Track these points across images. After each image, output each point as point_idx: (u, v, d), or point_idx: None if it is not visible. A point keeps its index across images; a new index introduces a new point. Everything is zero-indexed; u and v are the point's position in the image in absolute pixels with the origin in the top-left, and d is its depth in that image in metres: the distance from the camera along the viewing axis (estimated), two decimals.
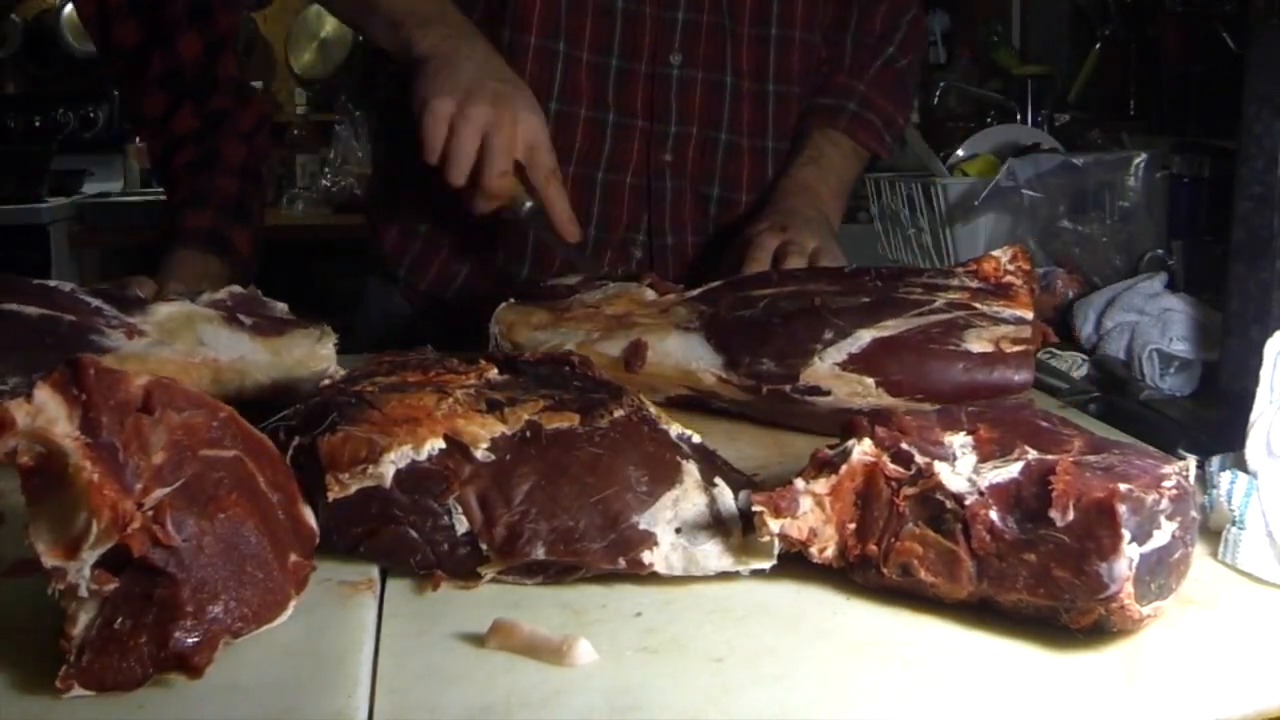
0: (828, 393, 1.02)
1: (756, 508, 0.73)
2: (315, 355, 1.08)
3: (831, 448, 0.77)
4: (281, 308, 1.16)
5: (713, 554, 0.76)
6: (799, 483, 0.74)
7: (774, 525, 0.73)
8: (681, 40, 1.42)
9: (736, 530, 0.77)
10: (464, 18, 1.33)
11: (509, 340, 1.17)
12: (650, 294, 1.18)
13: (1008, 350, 0.99)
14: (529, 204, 1.30)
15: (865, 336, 1.02)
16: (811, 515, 0.74)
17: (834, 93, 1.52)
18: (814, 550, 0.74)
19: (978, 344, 0.99)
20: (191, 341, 1.04)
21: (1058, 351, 1.37)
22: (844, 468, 0.74)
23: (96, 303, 1.05)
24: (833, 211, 1.46)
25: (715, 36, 1.43)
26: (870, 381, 1.01)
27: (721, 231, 1.49)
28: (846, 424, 0.78)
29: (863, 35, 1.55)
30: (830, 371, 1.02)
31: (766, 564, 0.75)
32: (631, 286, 1.19)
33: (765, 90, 1.48)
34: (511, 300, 1.21)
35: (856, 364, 1.01)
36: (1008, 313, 1.02)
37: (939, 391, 0.98)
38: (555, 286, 1.23)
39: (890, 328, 1.02)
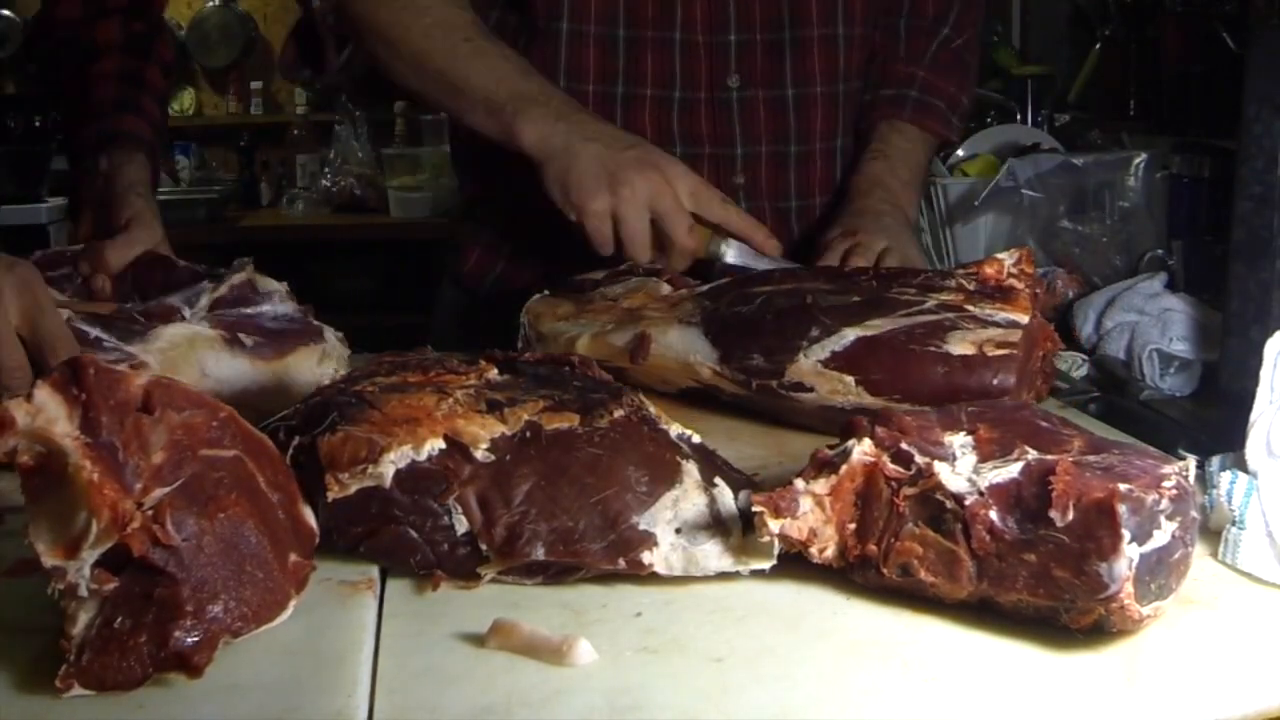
0: (811, 389, 1.03)
1: (756, 508, 0.73)
2: (317, 380, 1.07)
3: (831, 448, 0.77)
4: (280, 287, 1.16)
5: (712, 554, 0.76)
6: (799, 483, 0.74)
7: (774, 525, 0.73)
8: (737, 63, 1.42)
9: (736, 530, 0.77)
10: (552, 85, 1.33)
11: (535, 330, 1.19)
12: (666, 288, 1.20)
13: (990, 354, 0.98)
14: (723, 245, 1.29)
15: (850, 335, 1.02)
16: (811, 515, 0.74)
17: (895, 82, 1.51)
18: (814, 550, 0.74)
19: (960, 346, 0.99)
20: (195, 374, 1.03)
21: (1058, 351, 1.37)
22: (844, 468, 0.74)
23: (95, 332, 1.04)
24: (906, 202, 1.45)
25: (771, 53, 1.44)
26: (850, 380, 1.01)
27: (805, 236, 1.49)
28: (846, 424, 0.78)
29: (916, 19, 1.53)
30: (813, 369, 1.02)
31: (766, 564, 0.75)
32: (651, 281, 1.21)
33: (836, 91, 1.48)
34: (545, 292, 1.23)
35: (838, 362, 1.02)
36: (1001, 316, 1.02)
37: (917, 392, 0.98)
38: (583, 280, 1.25)
39: (875, 327, 1.02)
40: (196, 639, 0.64)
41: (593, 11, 1.39)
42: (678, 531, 0.77)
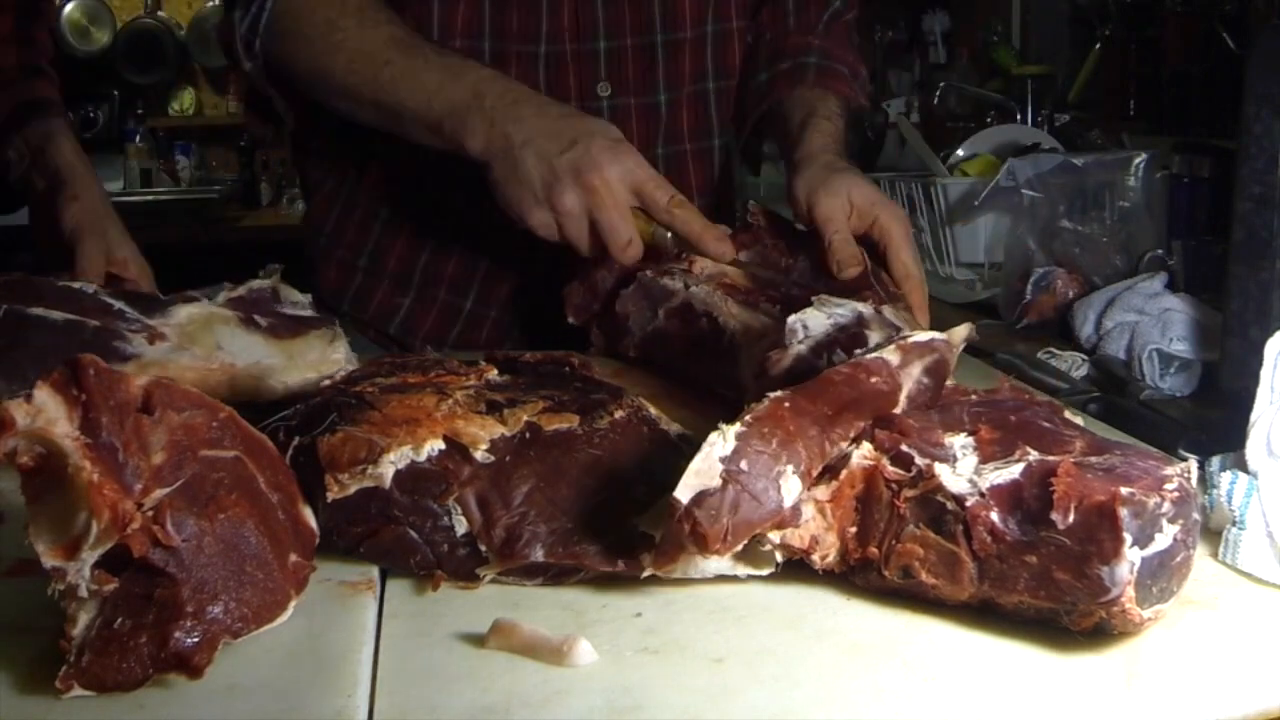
0: None
1: None
2: (328, 359, 1.09)
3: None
4: (303, 300, 1.18)
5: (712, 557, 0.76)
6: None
7: (775, 536, 0.73)
8: (607, 70, 1.40)
9: None
10: (495, 75, 1.25)
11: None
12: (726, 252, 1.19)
13: None
14: (669, 235, 1.20)
15: None
16: (813, 523, 0.74)
17: (791, 53, 1.45)
18: (816, 558, 0.74)
19: None
20: (210, 346, 1.06)
21: (1058, 351, 1.37)
22: (844, 473, 0.74)
23: (119, 305, 1.07)
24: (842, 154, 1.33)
25: (642, 59, 1.41)
26: None
27: None
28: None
29: None
30: None
31: (767, 571, 0.75)
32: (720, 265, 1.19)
33: (705, 90, 1.47)
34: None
35: None
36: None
37: None
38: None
39: None
40: (196, 639, 0.64)
41: (459, 26, 1.35)
42: None
